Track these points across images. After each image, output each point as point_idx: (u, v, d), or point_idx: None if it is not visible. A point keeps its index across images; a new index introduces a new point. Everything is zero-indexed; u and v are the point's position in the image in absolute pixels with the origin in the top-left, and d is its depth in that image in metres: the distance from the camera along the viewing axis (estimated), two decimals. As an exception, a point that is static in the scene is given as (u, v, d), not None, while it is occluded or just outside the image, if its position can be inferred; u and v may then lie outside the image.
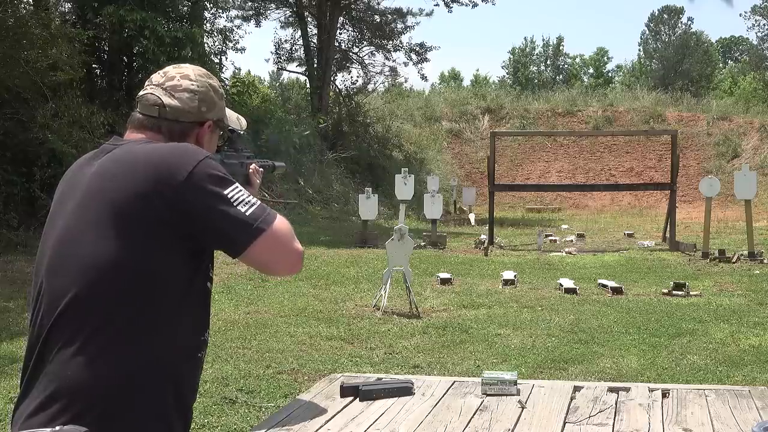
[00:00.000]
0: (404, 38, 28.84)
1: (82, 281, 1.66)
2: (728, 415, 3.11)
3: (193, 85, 1.86)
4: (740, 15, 76.86)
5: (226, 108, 2.01)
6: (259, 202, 1.73)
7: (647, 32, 57.93)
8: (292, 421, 3.18)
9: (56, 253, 1.73)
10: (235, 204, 1.68)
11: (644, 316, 8.43)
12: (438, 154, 28.43)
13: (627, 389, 3.54)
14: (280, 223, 1.73)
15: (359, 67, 27.70)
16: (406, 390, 3.48)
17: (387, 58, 28.11)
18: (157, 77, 1.89)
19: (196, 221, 1.68)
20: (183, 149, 1.75)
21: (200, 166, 1.69)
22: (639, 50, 59.68)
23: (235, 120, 2.11)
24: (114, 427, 1.62)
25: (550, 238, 16.60)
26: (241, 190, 1.72)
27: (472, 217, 21.49)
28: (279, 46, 27.91)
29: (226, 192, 1.69)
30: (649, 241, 15.78)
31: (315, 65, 25.90)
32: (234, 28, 24.58)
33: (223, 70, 23.13)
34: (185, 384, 1.76)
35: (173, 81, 1.87)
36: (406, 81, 38.78)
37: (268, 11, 27.06)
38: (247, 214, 1.68)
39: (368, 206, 14.80)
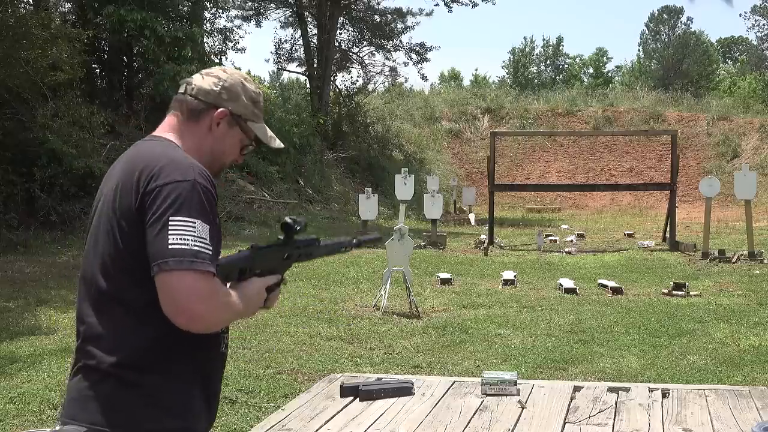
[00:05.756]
0: (404, 38, 28.94)
1: (96, 271, 1.75)
2: (728, 415, 3.11)
3: (223, 74, 1.91)
4: (740, 15, 76.86)
5: (265, 126, 1.96)
6: (196, 246, 1.60)
7: (647, 32, 57.90)
8: (292, 421, 3.18)
9: (88, 240, 1.83)
10: (168, 231, 1.61)
11: (644, 316, 8.43)
12: (438, 154, 28.42)
13: (627, 389, 3.54)
14: (188, 278, 1.58)
15: (359, 67, 27.75)
16: (406, 390, 3.48)
17: (387, 58, 28.19)
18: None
19: (144, 224, 1.67)
20: (180, 162, 1.72)
21: (180, 185, 1.66)
22: (639, 50, 59.69)
23: (268, 137, 1.98)
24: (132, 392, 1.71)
25: (550, 238, 16.59)
26: (188, 226, 1.61)
27: (472, 217, 21.49)
28: (279, 46, 27.96)
29: (173, 217, 1.62)
30: (649, 241, 15.77)
31: (315, 65, 25.90)
32: (234, 28, 24.65)
33: (223, 70, 23.08)
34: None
35: (211, 70, 1.95)
36: (406, 81, 38.88)
37: (268, 11, 27.10)
38: (168, 245, 1.59)
39: (368, 206, 14.80)
